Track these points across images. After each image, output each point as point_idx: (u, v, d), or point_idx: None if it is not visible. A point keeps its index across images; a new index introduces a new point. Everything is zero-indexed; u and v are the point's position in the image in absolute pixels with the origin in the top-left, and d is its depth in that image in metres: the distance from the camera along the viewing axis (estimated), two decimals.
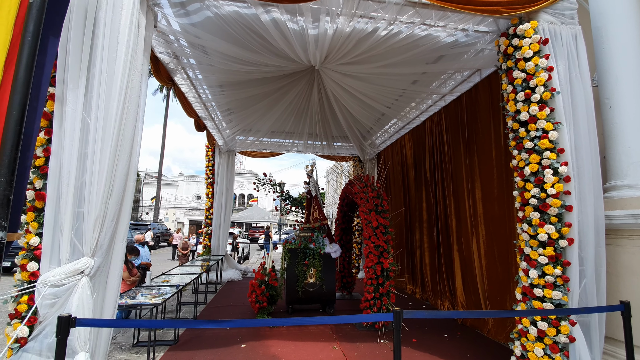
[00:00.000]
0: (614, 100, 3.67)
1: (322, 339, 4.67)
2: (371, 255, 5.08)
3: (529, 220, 3.16)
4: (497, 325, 4.79)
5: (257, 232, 31.38)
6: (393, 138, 8.89)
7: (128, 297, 4.07)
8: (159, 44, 4.52)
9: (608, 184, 3.65)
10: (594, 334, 3.01)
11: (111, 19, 2.78)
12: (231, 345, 4.34)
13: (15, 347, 2.54)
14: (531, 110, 3.20)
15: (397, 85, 5.93)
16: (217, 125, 8.08)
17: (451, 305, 6.03)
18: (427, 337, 4.77)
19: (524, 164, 3.25)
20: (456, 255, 5.97)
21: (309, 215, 7.01)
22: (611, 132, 3.68)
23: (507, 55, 3.52)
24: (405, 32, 4.05)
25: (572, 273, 2.96)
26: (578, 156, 3.17)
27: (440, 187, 6.62)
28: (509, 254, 4.59)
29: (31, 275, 2.67)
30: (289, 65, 5.09)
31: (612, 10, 3.82)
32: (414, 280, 7.81)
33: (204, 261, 7.84)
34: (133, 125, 2.96)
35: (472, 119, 5.60)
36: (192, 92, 6.18)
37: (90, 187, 2.68)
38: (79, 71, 2.70)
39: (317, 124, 8.17)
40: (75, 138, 2.67)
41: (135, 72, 2.96)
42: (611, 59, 3.74)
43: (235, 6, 3.80)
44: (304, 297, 5.83)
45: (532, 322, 3.03)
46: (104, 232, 2.73)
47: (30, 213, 2.71)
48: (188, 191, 42.41)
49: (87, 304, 2.57)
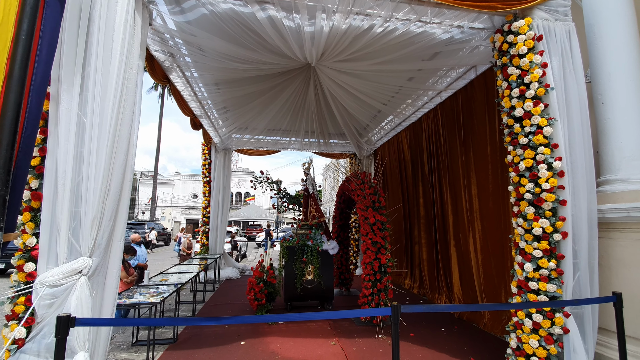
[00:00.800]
0: (606, 96, 3.72)
1: (321, 334, 4.70)
2: (369, 252, 5.11)
3: (524, 215, 3.20)
4: (493, 318, 4.85)
5: (254, 230, 31.33)
6: (389, 135, 8.92)
7: (126, 296, 4.07)
8: (154, 42, 4.48)
9: (601, 178, 3.70)
10: (588, 325, 3.08)
11: (106, 16, 2.75)
12: (230, 342, 4.36)
13: (13, 348, 2.53)
14: (526, 106, 3.23)
15: (393, 82, 5.95)
16: (213, 123, 8.05)
17: (448, 300, 6.09)
18: (425, 331, 4.82)
19: (519, 160, 3.28)
20: (453, 250, 6.03)
21: (306, 212, 7.02)
22: (604, 128, 3.73)
23: (502, 52, 3.54)
24: (401, 29, 4.06)
25: (566, 266, 3.01)
26: (572, 151, 3.22)
27: (437, 183, 6.66)
28: (505, 248, 4.65)
29: (28, 276, 2.65)
30: (285, 62, 5.08)
31: (605, 7, 3.87)
32: (411, 276, 7.87)
33: (201, 260, 7.83)
34: (129, 124, 2.95)
35: (467, 115, 5.64)
36: (187, 90, 6.15)
37: (87, 186, 2.66)
38: (73, 70, 2.68)
39: (313, 122, 8.17)
40: (71, 137, 2.65)
41: (130, 71, 2.94)
42: (604, 55, 3.79)
43: (230, 3, 3.79)
44: (302, 294, 5.85)
45: (527, 314, 3.08)
46: (101, 232, 2.72)
47: (27, 213, 2.69)
48: (184, 190, 42.26)
49: (86, 304, 2.57)
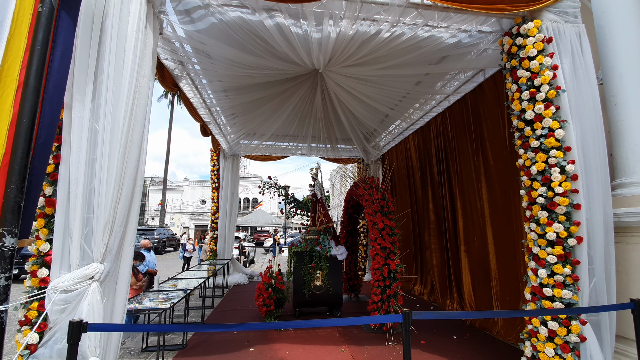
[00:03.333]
0: (619, 98, 3.66)
1: (330, 341, 4.65)
2: (377, 257, 5.06)
3: (537, 219, 3.14)
4: (506, 326, 4.75)
5: (262, 235, 31.35)
6: (397, 139, 8.88)
7: (136, 302, 4.10)
8: (164, 50, 4.56)
9: (616, 181, 3.62)
10: (605, 333, 2.98)
11: (118, 26, 2.80)
12: (239, 349, 4.34)
13: (26, 354, 2.54)
14: (536, 108, 3.19)
15: (400, 86, 5.94)
16: (221, 129, 8.14)
17: (460, 306, 5.99)
18: (436, 339, 4.74)
19: (531, 163, 3.23)
20: (464, 255, 5.94)
21: (314, 217, 7.01)
22: (618, 130, 3.66)
23: (510, 55, 3.51)
24: (408, 34, 4.07)
25: (581, 272, 2.93)
26: (585, 154, 3.15)
27: (446, 187, 6.60)
28: (517, 253, 4.56)
29: (41, 282, 2.68)
30: (292, 68, 5.12)
31: (615, 8, 3.82)
32: (421, 282, 7.77)
33: (210, 265, 7.86)
34: (140, 131, 2.98)
35: (477, 118, 5.59)
36: (197, 97, 6.23)
37: (99, 192, 2.70)
38: (86, 78, 2.72)
39: (320, 127, 8.18)
40: (84, 144, 2.69)
41: (143, 79, 2.99)
42: (615, 56, 3.73)
43: (239, 12, 3.84)
44: (311, 300, 5.82)
45: (542, 322, 3.01)
46: (112, 237, 2.74)
47: (41, 219, 2.73)
48: (193, 196, 42.64)
49: (98, 309, 2.58)
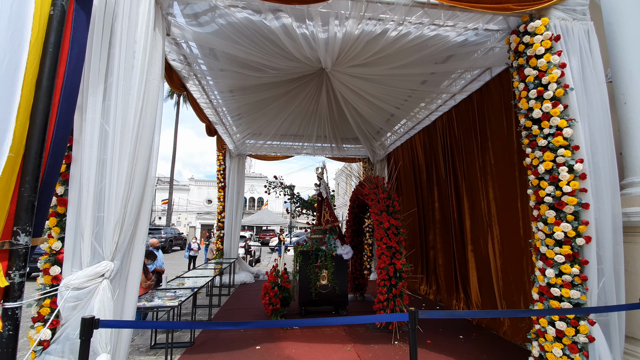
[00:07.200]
0: (629, 96, 3.61)
1: (336, 340, 4.67)
2: (383, 257, 5.06)
3: (545, 219, 3.12)
4: (513, 326, 4.72)
5: (267, 235, 31.45)
6: (403, 138, 8.86)
7: (145, 299, 4.15)
8: (172, 51, 4.61)
9: (625, 180, 3.58)
10: (614, 333, 2.96)
11: (127, 28, 2.85)
12: (246, 347, 4.38)
13: (39, 349, 2.61)
14: (544, 107, 3.17)
15: (406, 85, 5.93)
16: (227, 129, 8.20)
17: (466, 306, 5.96)
18: (442, 338, 4.73)
19: (538, 162, 3.21)
20: (470, 255, 5.91)
21: (320, 217, 7.03)
22: (627, 128, 3.62)
23: (518, 53, 3.49)
24: (414, 33, 4.06)
25: (590, 272, 2.91)
26: (594, 153, 3.12)
27: (452, 186, 6.57)
28: (525, 253, 4.54)
29: (54, 279, 2.75)
30: (298, 68, 5.14)
31: (624, 5, 3.77)
32: (427, 282, 7.75)
33: (216, 264, 7.92)
34: (150, 131, 3.03)
35: (483, 117, 5.56)
36: (203, 97, 6.28)
37: (110, 192, 2.75)
38: (97, 79, 2.77)
39: (326, 126, 8.20)
40: (94, 145, 2.75)
41: (152, 80, 3.03)
42: (625, 54, 3.69)
43: (246, 13, 3.87)
44: (317, 299, 5.84)
45: (549, 322, 2.99)
46: (122, 236, 2.79)
47: (53, 218, 2.80)
48: (199, 195, 42.90)
49: (108, 306, 2.63)
